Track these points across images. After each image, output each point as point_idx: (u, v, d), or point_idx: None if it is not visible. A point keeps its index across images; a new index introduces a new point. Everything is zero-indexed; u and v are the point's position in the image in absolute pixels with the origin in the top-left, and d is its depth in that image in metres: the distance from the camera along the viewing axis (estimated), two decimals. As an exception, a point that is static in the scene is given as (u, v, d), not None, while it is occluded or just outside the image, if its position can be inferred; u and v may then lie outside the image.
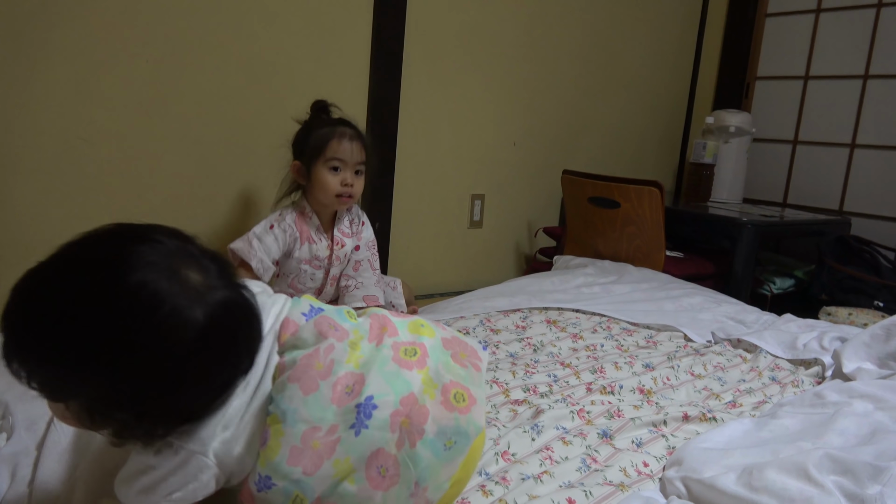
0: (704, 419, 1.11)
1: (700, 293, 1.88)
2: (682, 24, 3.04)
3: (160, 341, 0.55)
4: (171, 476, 0.61)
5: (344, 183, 1.49)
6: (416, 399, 0.66)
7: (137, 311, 0.54)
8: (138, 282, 0.54)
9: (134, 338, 0.54)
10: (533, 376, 1.28)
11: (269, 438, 0.63)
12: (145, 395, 0.56)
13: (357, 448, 0.64)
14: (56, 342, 0.54)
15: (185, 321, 0.55)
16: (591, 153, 2.75)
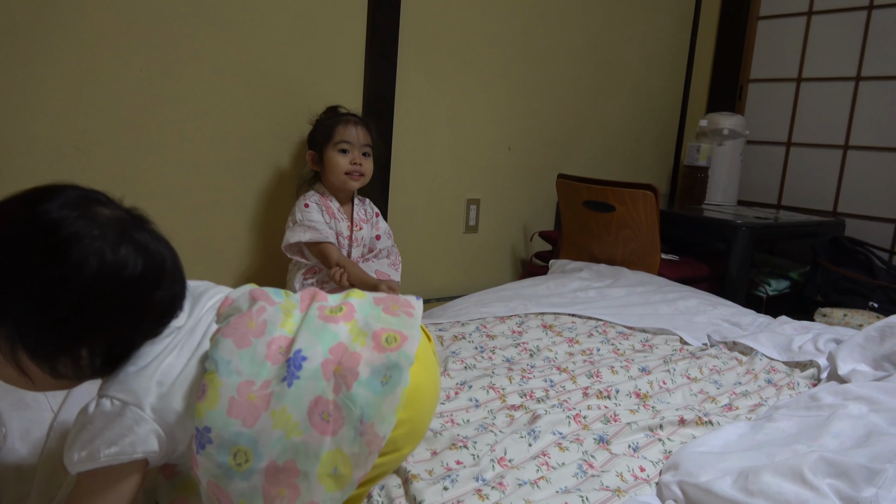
0: (701, 423, 1.11)
1: (695, 296, 1.88)
2: (676, 27, 3.05)
3: (69, 274, 0.59)
4: (107, 429, 0.62)
5: (353, 162, 1.66)
6: (345, 347, 0.69)
7: (55, 246, 0.60)
8: (55, 220, 0.61)
9: (49, 272, 0.59)
10: (529, 381, 1.28)
11: (207, 389, 0.64)
12: (63, 323, 0.60)
13: (292, 399, 0.65)
14: None
15: (97, 256, 0.60)
16: (587, 157, 2.76)
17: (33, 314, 0.60)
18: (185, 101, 1.69)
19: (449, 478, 0.91)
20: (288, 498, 0.64)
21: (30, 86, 1.48)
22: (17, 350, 0.61)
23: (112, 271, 0.61)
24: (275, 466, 0.64)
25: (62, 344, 0.61)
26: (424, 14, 2.13)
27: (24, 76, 1.48)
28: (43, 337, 0.61)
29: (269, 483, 0.64)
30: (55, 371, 0.63)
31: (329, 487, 0.65)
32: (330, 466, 0.65)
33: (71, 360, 0.63)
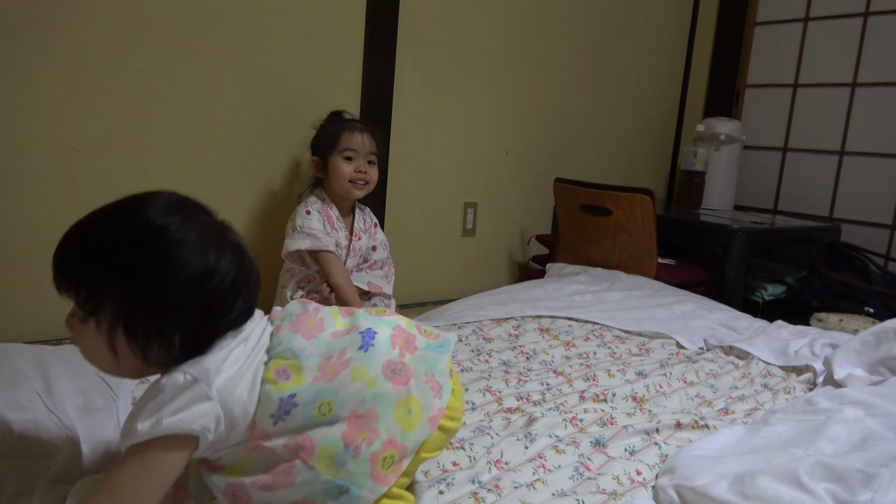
0: (697, 426, 1.11)
1: (692, 300, 1.89)
2: (673, 33, 3.06)
3: (173, 273, 0.68)
4: (174, 399, 0.67)
5: (357, 170, 1.63)
6: (404, 329, 0.84)
7: (162, 247, 0.68)
8: (164, 224, 0.69)
9: (157, 267, 0.68)
10: (526, 384, 1.28)
11: (290, 374, 0.74)
12: (165, 314, 0.68)
13: (368, 360, 0.77)
14: (105, 266, 0.68)
15: (197, 261, 0.69)
16: (584, 161, 2.77)
17: (140, 304, 0.67)
18: (183, 104, 1.69)
19: (445, 481, 0.91)
20: (368, 439, 0.74)
21: (27, 87, 1.48)
22: (116, 332, 0.68)
23: (211, 272, 0.70)
24: (357, 414, 0.74)
25: (160, 331, 0.68)
26: (422, 20, 2.13)
27: (21, 78, 1.47)
28: (144, 323, 0.68)
29: (350, 428, 0.73)
30: (145, 356, 0.69)
31: (405, 427, 0.76)
32: (404, 409, 0.76)
33: (163, 346, 0.69)
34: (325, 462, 0.72)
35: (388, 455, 0.75)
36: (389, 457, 0.75)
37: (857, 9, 2.69)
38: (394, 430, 0.75)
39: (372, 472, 0.73)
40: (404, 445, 0.76)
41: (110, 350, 0.69)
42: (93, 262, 0.68)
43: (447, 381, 0.82)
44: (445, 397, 0.81)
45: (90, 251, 0.69)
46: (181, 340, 0.69)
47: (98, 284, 0.67)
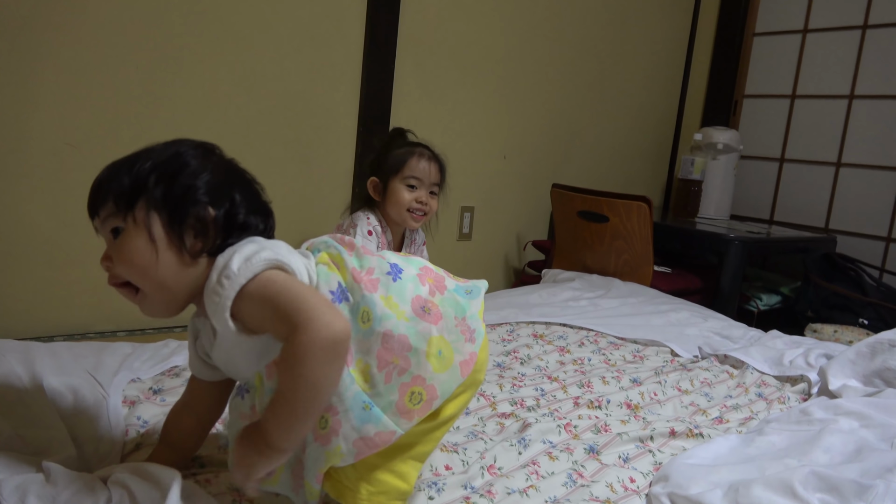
0: (691, 435, 1.11)
1: (687, 308, 1.89)
2: (672, 41, 3.07)
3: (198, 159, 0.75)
4: (254, 248, 0.70)
5: (418, 200, 1.55)
6: (431, 269, 0.81)
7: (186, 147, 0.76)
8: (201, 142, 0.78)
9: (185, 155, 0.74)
10: (520, 390, 1.27)
11: (338, 265, 0.75)
12: (195, 189, 0.72)
13: (396, 290, 0.74)
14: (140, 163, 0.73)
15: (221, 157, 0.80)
16: (581, 167, 2.77)
17: (172, 182, 0.71)
18: (181, 102, 1.68)
19: (436, 485, 0.90)
20: (399, 368, 0.72)
21: (24, 82, 1.47)
22: (151, 216, 0.70)
23: (235, 167, 0.79)
24: (390, 335, 0.72)
25: (192, 204, 0.71)
26: (422, 24, 2.13)
27: (18, 72, 1.46)
28: (178, 200, 0.71)
29: (384, 348, 0.71)
30: (182, 242, 0.71)
31: (435, 367, 0.73)
32: (435, 348, 0.73)
33: (198, 224, 0.71)
34: (361, 374, 0.71)
35: (417, 391, 0.72)
36: (418, 393, 0.72)
37: (856, 21, 2.71)
38: (424, 367, 0.72)
39: (398, 401, 0.71)
40: (433, 386, 0.73)
41: (149, 241, 0.70)
42: (129, 165, 0.72)
43: (480, 325, 0.79)
44: (478, 342, 0.78)
45: (127, 159, 0.74)
46: (214, 225, 0.72)
47: (136, 178, 0.71)
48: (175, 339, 1.38)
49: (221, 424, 1.00)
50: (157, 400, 1.04)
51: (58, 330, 1.58)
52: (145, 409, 1.00)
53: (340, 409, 0.69)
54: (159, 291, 0.72)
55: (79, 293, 1.60)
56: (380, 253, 0.79)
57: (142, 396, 1.05)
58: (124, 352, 1.22)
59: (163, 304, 0.73)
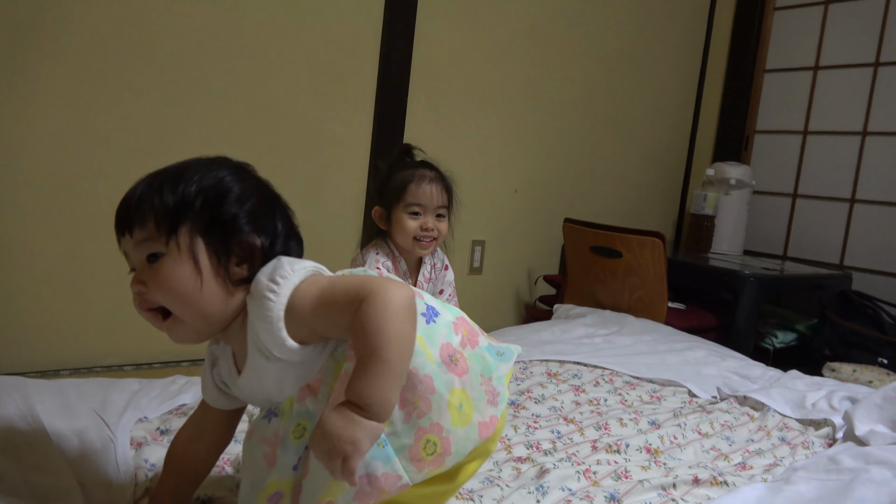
0: (715, 483, 1.06)
1: (703, 346, 1.85)
2: (683, 78, 3.08)
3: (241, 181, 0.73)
4: (293, 265, 0.70)
5: (424, 227, 1.45)
6: (467, 321, 0.79)
7: (243, 176, 0.75)
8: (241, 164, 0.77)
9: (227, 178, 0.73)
10: (536, 432, 1.24)
11: None
12: (240, 217, 0.71)
13: (428, 333, 0.72)
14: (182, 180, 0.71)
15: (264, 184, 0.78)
16: (592, 202, 2.75)
17: (217, 209, 0.70)
18: (194, 133, 1.69)
19: (453, 535, 0.86)
20: (419, 410, 0.69)
21: (35, 112, 1.48)
22: (197, 243, 0.68)
23: (273, 191, 0.77)
24: (415, 374, 0.68)
25: (239, 232, 0.70)
26: (435, 60, 2.14)
27: (31, 102, 1.47)
28: (223, 227, 0.70)
29: (408, 386, 0.68)
30: (226, 268, 0.69)
31: (454, 420, 0.70)
32: (457, 401, 0.70)
33: (244, 252, 0.70)
34: None
35: (433, 440, 0.68)
36: (433, 442, 0.68)
37: (868, 59, 2.71)
38: (444, 416, 0.69)
39: (412, 447, 0.68)
40: (448, 440, 0.69)
41: (194, 268, 0.68)
42: (173, 185, 0.69)
43: (505, 390, 0.75)
44: (500, 406, 0.74)
45: (166, 177, 0.70)
46: (259, 253, 0.71)
47: (181, 201, 0.68)
48: (183, 374, 1.35)
49: (231, 466, 0.96)
50: (164, 441, 1.01)
51: (63, 364, 1.56)
52: (152, 452, 0.97)
53: None
54: (198, 320, 0.69)
55: (85, 327, 1.58)
56: (419, 292, 0.76)
57: (149, 437, 1.02)
58: (132, 389, 1.19)
59: (195, 332, 0.71)
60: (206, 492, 0.88)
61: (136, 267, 0.70)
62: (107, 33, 1.54)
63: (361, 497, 0.66)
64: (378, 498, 0.67)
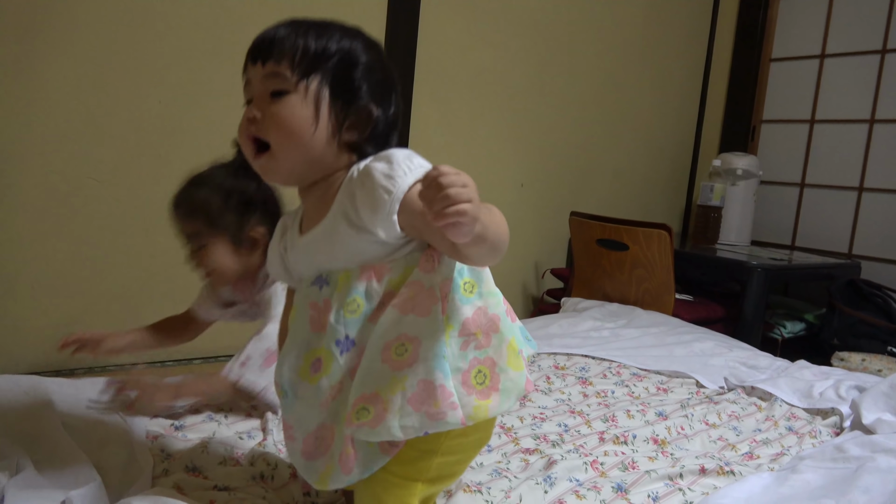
0: (722, 472, 1.07)
1: (711, 338, 1.85)
2: (688, 68, 3.07)
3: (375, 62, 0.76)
4: (410, 160, 0.69)
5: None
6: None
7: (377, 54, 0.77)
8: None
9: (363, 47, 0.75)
10: (543, 424, 1.25)
11: None
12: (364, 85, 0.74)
13: (495, 289, 0.76)
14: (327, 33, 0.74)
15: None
16: (599, 195, 2.75)
17: (349, 69, 0.73)
18: (202, 134, 1.70)
19: (462, 526, 0.88)
20: (478, 342, 0.71)
21: (46, 116, 1.50)
22: (323, 93, 0.71)
23: (394, 75, 0.78)
24: (485, 310, 0.72)
25: (362, 98, 0.73)
26: (439, 55, 2.15)
27: (41, 107, 1.49)
28: (349, 86, 0.72)
29: (473, 318, 0.71)
30: (340, 124, 0.72)
31: (510, 361, 0.73)
32: (515, 346, 0.74)
33: (361, 117, 0.73)
34: (448, 329, 0.70)
35: (484, 371, 0.71)
36: (483, 374, 0.71)
37: (875, 46, 2.69)
38: (501, 355, 0.72)
39: (465, 372, 0.70)
40: (498, 376, 0.71)
41: (314, 114, 0.71)
42: (317, 34, 0.73)
43: (524, 360, 0.77)
44: (524, 369, 0.76)
45: (311, 25, 0.74)
46: (373, 124, 0.73)
47: (322, 51, 0.72)
48: (196, 371, 1.37)
49: (245, 460, 0.98)
50: (178, 436, 1.03)
51: (78, 363, 1.59)
52: (169, 443, 0.99)
53: (422, 346, 0.69)
54: (296, 161, 0.73)
55: (99, 327, 1.60)
56: None
57: (164, 432, 1.04)
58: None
59: (288, 171, 0.74)
60: (222, 482, 0.90)
61: (256, 97, 0.73)
62: (111, 35, 1.55)
63: (415, 400, 0.68)
64: (430, 408, 0.68)
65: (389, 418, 0.68)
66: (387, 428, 0.67)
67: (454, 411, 0.68)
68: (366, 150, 0.74)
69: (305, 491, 0.93)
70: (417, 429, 0.68)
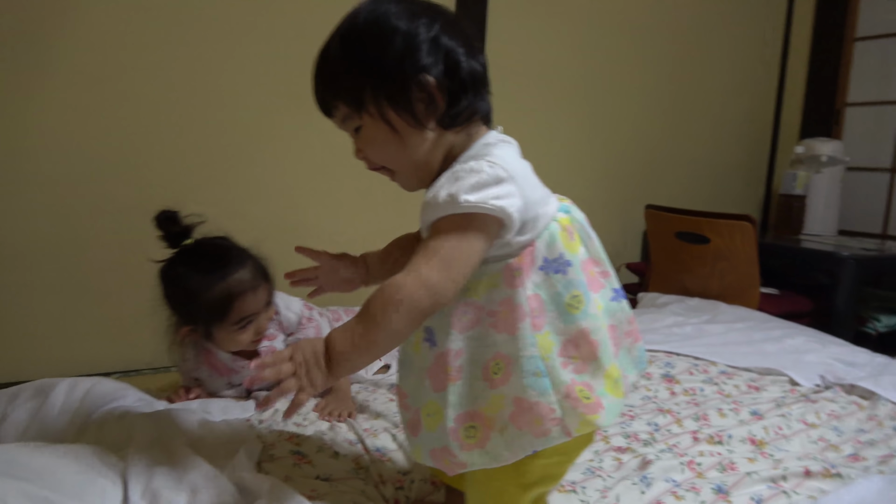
0: (828, 475, 1.03)
1: (802, 333, 1.77)
2: (763, 52, 2.94)
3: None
4: (497, 185, 0.68)
5: (258, 332, 1.20)
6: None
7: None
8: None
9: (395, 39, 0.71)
10: (632, 423, 1.22)
11: (573, 236, 0.75)
12: (403, 58, 0.71)
13: (609, 309, 0.76)
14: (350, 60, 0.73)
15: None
16: (671, 187, 2.68)
17: (388, 63, 0.70)
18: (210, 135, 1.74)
19: (559, 526, 0.87)
20: (577, 366, 0.72)
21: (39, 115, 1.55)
22: (383, 107, 0.71)
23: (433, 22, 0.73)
24: (587, 334, 0.72)
25: (408, 79, 0.70)
26: (508, 50, 2.13)
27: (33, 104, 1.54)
28: (396, 81, 0.70)
29: (573, 342, 0.72)
30: (414, 116, 0.71)
31: (607, 387, 0.73)
32: (615, 374, 0.74)
33: (422, 94, 0.71)
34: (544, 346, 0.70)
35: (586, 393, 0.71)
36: (588, 395, 0.71)
37: (974, 19, 2.51)
38: (598, 381, 0.72)
39: (569, 385, 0.70)
40: (599, 400, 0.71)
41: (391, 130, 0.72)
42: (342, 60, 0.72)
43: (630, 382, 0.79)
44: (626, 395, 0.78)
45: (333, 58, 0.73)
46: (438, 90, 0.71)
47: (354, 79, 0.71)
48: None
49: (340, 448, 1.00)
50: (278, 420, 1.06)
51: (106, 367, 1.60)
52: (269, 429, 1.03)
53: (513, 364, 0.69)
54: (414, 168, 0.75)
55: (133, 329, 1.58)
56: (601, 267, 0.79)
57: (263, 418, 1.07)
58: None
59: (417, 178, 0.76)
60: (326, 471, 0.92)
61: (351, 135, 0.77)
62: (113, 34, 1.55)
63: (516, 419, 0.70)
64: (533, 426, 0.69)
65: (494, 436, 0.70)
66: (497, 448, 0.70)
67: (557, 426, 0.69)
68: (458, 113, 0.73)
69: (398, 485, 0.94)
70: (525, 447, 0.70)
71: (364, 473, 0.94)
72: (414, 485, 0.95)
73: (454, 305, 0.71)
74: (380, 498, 0.90)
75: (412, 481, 0.95)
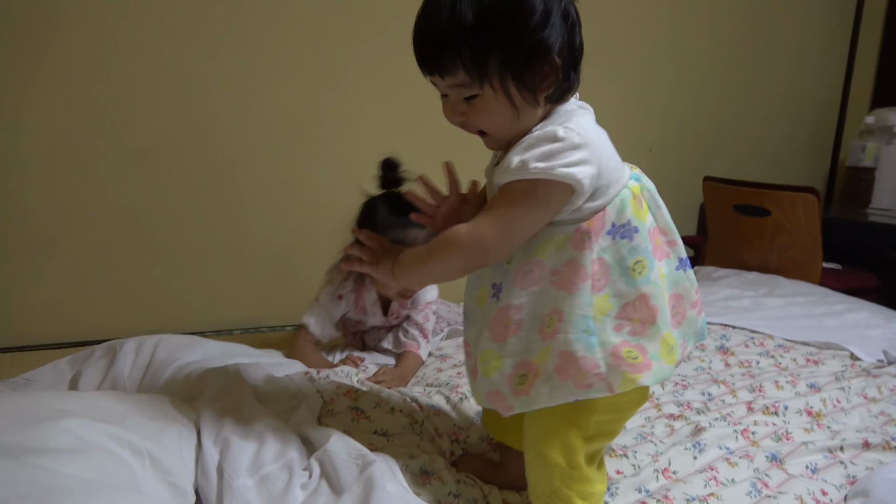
0: (888, 447, 1.01)
1: (865, 308, 1.72)
2: (832, 20, 2.80)
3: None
4: (572, 152, 0.69)
5: (408, 290, 1.31)
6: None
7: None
8: None
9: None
10: (685, 392, 1.22)
11: (643, 204, 0.77)
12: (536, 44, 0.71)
13: (674, 278, 0.78)
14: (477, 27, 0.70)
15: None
16: (730, 159, 2.61)
17: (514, 45, 0.70)
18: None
19: (608, 490, 0.88)
20: (633, 329, 0.73)
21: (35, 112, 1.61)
22: (507, 82, 0.71)
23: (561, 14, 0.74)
24: (646, 300, 0.73)
25: (539, 57, 0.71)
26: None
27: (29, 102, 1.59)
28: (525, 61, 0.71)
29: (633, 306, 0.73)
30: (535, 94, 0.72)
31: (661, 352, 0.74)
32: (671, 341, 0.75)
33: (546, 72, 0.72)
34: (601, 307, 0.72)
35: (635, 353, 0.72)
36: (636, 355, 0.72)
37: None
38: (653, 345, 0.74)
39: (616, 346, 0.72)
40: (649, 363, 0.73)
41: (510, 104, 0.72)
42: (473, 27, 0.69)
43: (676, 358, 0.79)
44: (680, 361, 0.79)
45: (466, 28, 0.69)
46: (561, 70, 0.73)
47: (484, 49, 0.69)
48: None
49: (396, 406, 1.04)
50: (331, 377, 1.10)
51: (236, 324, 1.73)
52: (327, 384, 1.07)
53: (566, 320, 0.72)
54: (513, 133, 0.75)
55: (254, 288, 1.74)
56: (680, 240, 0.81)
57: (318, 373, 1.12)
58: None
59: (507, 142, 0.76)
60: (383, 426, 0.96)
61: (451, 97, 0.75)
62: (112, 32, 1.53)
63: (561, 370, 0.72)
64: (577, 378, 0.72)
65: (539, 384, 0.73)
66: (539, 395, 0.73)
67: (602, 382, 0.72)
68: (568, 89, 0.76)
69: (454, 438, 0.98)
70: (567, 396, 0.73)
71: (419, 428, 0.98)
72: (469, 440, 0.98)
73: (518, 264, 0.74)
74: (434, 451, 0.94)
75: (467, 436, 0.98)
